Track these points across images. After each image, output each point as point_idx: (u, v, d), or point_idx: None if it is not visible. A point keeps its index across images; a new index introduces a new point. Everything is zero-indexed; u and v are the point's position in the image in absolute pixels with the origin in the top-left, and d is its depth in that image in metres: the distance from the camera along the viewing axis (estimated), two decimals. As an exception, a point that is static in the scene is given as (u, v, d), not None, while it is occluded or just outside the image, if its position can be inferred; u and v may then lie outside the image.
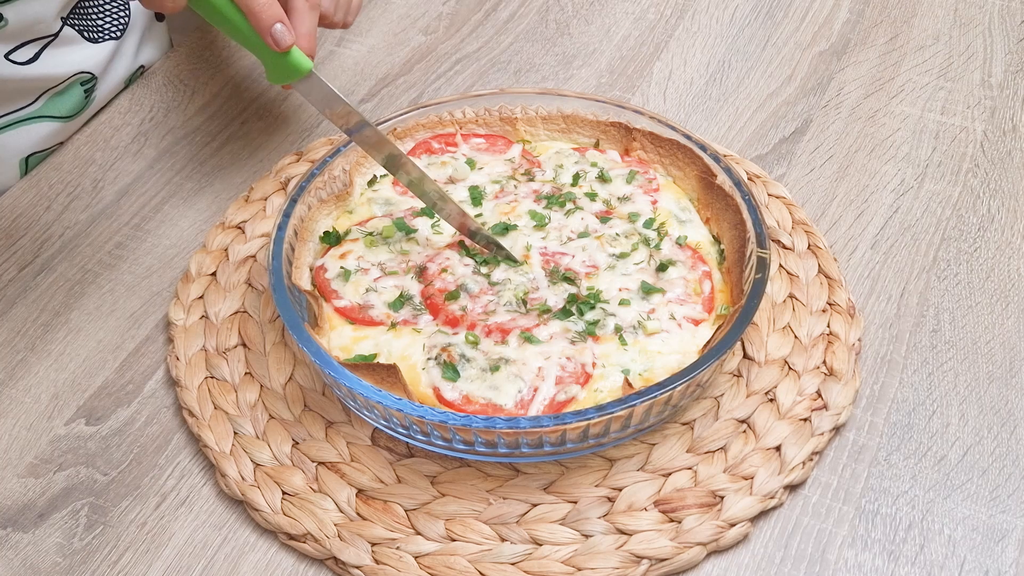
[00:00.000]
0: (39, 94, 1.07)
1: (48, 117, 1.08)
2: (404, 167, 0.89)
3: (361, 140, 0.89)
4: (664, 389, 0.76)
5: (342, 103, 0.87)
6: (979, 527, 0.79)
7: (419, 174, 0.89)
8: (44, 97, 1.07)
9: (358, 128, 0.88)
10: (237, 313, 0.93)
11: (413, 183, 0.89)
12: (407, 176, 0.89)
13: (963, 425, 0.85)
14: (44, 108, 1.08)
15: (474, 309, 0.85)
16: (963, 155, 1.06)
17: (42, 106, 1.08)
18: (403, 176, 0.90)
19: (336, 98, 0.87)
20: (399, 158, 0.89)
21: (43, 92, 1.07)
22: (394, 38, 1.22)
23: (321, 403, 0.86)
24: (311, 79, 0.86)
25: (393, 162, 0.89)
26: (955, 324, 0.92)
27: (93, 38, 1.09)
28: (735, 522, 0.79)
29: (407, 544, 0.78)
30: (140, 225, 1.02)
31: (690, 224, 0.92)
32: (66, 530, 0.81)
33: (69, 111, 1.09)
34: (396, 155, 0.89)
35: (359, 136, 0.89)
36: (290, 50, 0.84)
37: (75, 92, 1.09)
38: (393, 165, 0.89)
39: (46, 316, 0.95)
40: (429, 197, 0.90)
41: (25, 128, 1.07)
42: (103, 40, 1.10)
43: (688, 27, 1.22)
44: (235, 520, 0.81)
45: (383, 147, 0.89)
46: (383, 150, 0.89)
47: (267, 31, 0.83)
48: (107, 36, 1.11)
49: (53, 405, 0.88)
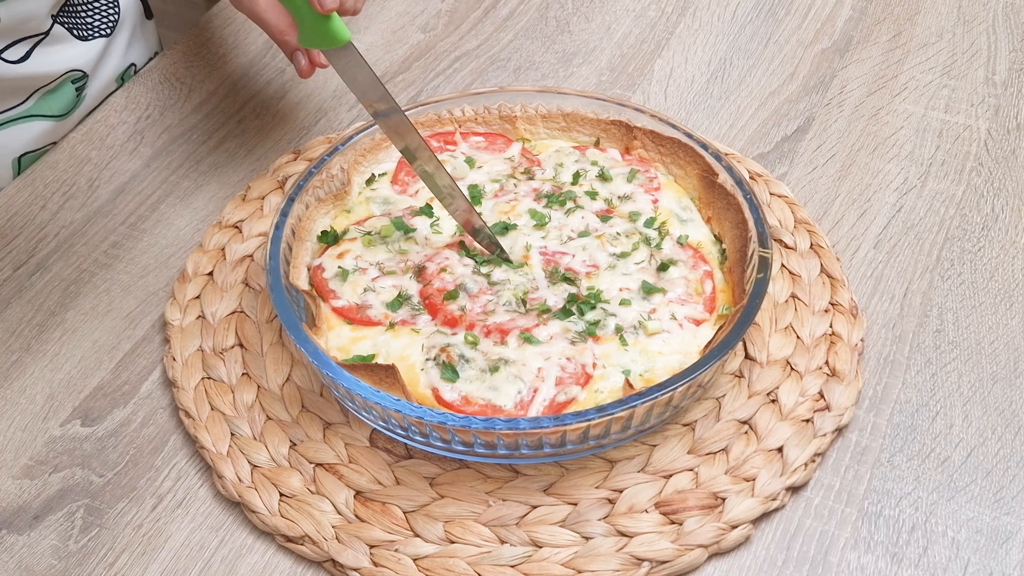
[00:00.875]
0: (31, 93, 1.07)
1: (40, 116, 1.08)
2: (422, 157, 0.87)
3: (387, 125, 0.87)
4: (665, 390, 0.76)
5: (376, 83, 0.84)
6: (983, 529, 0.79)
7: (435, 166, 0.88)
8: (36, 96, 1.07)
9: (386, 113, 0.86)
10: (234, 313, 0.93)
11: (427, 175, 0.88)
12: (423, 167, 0.88)
13: (967, 426, 0.85)
14: (36, 107, 1.08)
15: (473, 309, 0.85)
16: (967, 154, 1.06)
17: (34, 105, 1.08)
18: (419, 167, 0.88)
19: (370, 76, 0.84)
20: (419, 149, 0.87)
21: (35, 91, 1.07)
22: (392, 35, 1.22)
23: (319, 404, 0.86)
24: (347, 50, 0.82)
25: (412, 152, 0.88)
26: (959, 324, 0.92)
27: (83, 36, 1.09)
28: (737, 524, 0.79)
29: (406, 546, 0.78)
30: (136, 224, 1.02)
31: (691, 223, 0.92)
32: (61, 532, 0.81)
33: (61, 110, 1.09)
34: (416, 146, 0.87)
35: (385, 121, 0.86)
36: (331, 15, 0.81)
37: (67, 90, 1.09)
38: (411, 155, 0.88)
39: (41, 316, 0.95)
40: (440, 190, 0.89)
41: (17, 127, 1.08)
42: (93, 38, 1.10)
43: (689, 24, 1.22)
44: (232, 522, 0.81)
45: (406, 136, 0.87)
46: (405, 138, 0.87)
47: None
48: (97, 34, 1.11)
49: (48, 406, 0.88)
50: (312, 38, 0.83)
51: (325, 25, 0.81)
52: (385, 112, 0.86)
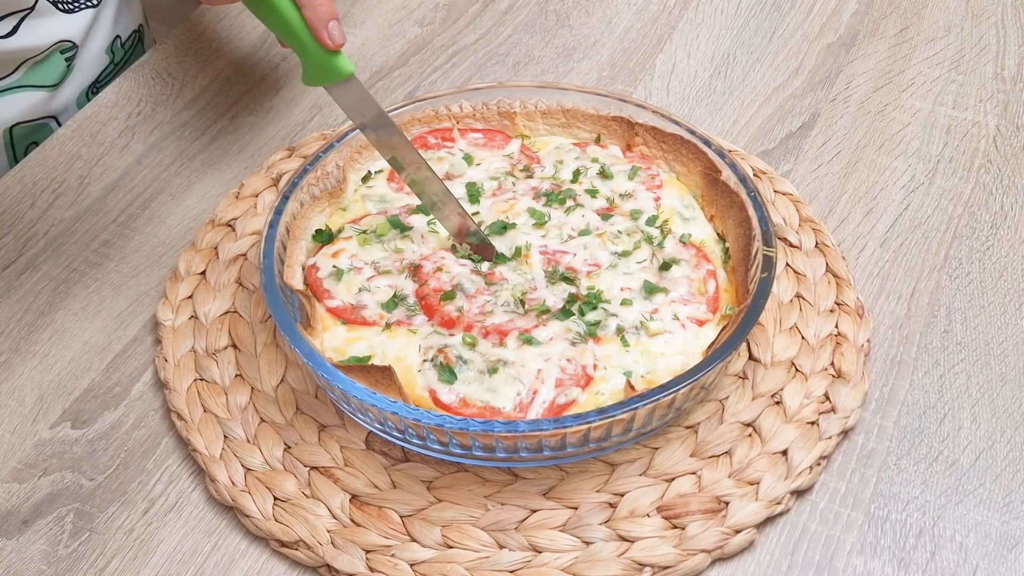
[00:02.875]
0: (18, 64, 1.09)
1: (30, 87, 1.10)
2: (409, 167, 0.88)
3: (375, 136, 0.88)
4: (667, 392, 0.76)
5: (376, 109, 0.86)
6: (992, 534, 0.79)
7: (425, 175, 0.88)
8: (24, 67, 1.09)
9: (387, 135, 0.87)
10: (227, 313, 0.93)
11: (415, 183, 0.89)
12: (410, 176, 0.89)
13: (975, 428, 0.85)
14: (25, 78, 1.09)
15: (470, 310, 0.85)
16: (975, 150, 1.06)
17: (23, 76, 1.09)
18: (406, 176, 0.89)
19: (371, 103, 0.86)
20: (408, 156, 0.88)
21: (23, 62, 1.09)
22: (389, 30, 1.22)
23: (314, 406, 0.86)
24: (350, 82, 0.85)
25: (399, 163, 0.89)
26: (967, 324, 0.92)
27: (68, 8, 1.11)
28: (740, 528, 0.79)
29: (402, 551, 0.78)
30: (127, 223, 1.02)
31: (694, 222, 0.92)
32: (51, 537, 0.81)
33: (52, 80, 1.11)
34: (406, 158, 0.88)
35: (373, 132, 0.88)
36: (338, 50, 0.84)
37: (56, 61, 1.11)
38: (399, 165, 0.89)
39: (30, 316, 0.95)
40: (429, 198, 0.89)
41: (6, 99, 1.09)
42: (79, 9, 1.12)
43: (692, 18, 1.22)
44: (225, 527, 0.81)
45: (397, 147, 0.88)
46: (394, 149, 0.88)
47: (323, 26, 0.82)
48: (84, 5, 1.12)
49: (38, 408, 0.88)
50: (317, 76, 0.85)
51: (331, 60, 0.84)
52: (373, 125, 0.87)
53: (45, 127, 1.15)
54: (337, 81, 0.85)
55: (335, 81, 0.85)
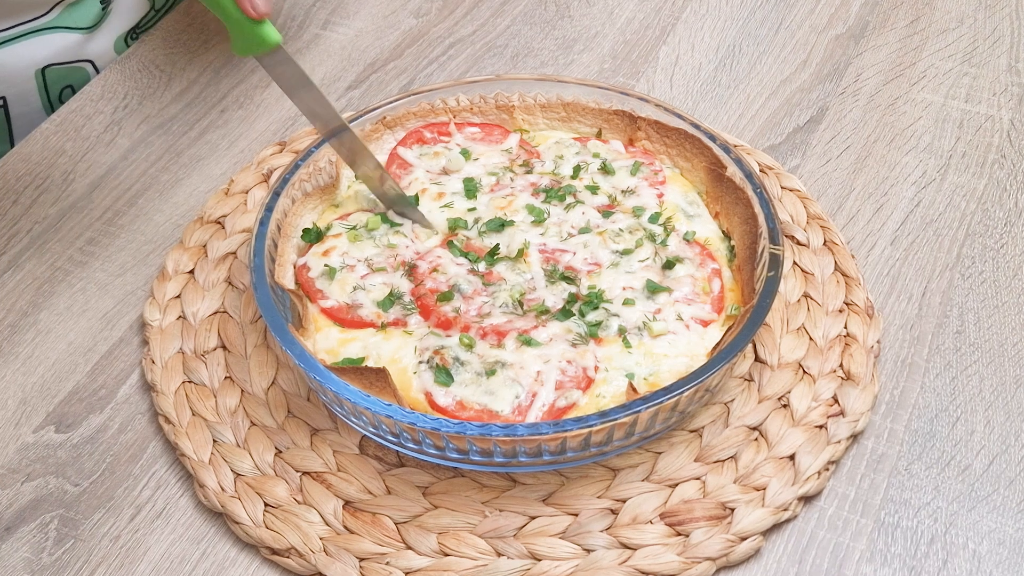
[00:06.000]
0: (53, 5, 1.10)
1: (65, 28, 1.11)
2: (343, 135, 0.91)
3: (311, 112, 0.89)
4: (671, 394, 0.76)
5: (309, 85, 0.87)
6: (1006, 541, 0.79)
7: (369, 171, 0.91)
8: (59, 8, 1.10)
9: (326, 120, 0.89)
10: (216, 313, 0.93)
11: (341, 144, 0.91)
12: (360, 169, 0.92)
13: (989, 432, 0.85)
14: (59, 19, 1.11)
15: (468, 311, 0.85)
16: (989, 145, 1.06)
17: (57, 16, 1.11)
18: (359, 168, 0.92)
19: (303, 79, 0.87)
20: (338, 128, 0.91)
21: (57, 3, 1.10)
22: (384, 21, 1.22)
23: (306, 409, 0.86)
24: (278, 54, 0.86)
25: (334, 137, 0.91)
26: (980, 325, 0.92)
27: None
28: (746, 536, 0.79)
29: (397, 559, 0.78)
30: (113, 220, 1.02)
31: (698, 219, 0.92)
32: (34, 544, 0.81)
33: (87, 22, 1.12)
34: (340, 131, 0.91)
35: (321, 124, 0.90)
36: (263, 19, 0.84)
37: (91, 3, 1.12)
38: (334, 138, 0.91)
39: (13, 317, 0.95)
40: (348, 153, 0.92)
41: (39, 39, 1.11)
42: None
43: (696, 9, 1.22)
44: (214, 533, 0.81)
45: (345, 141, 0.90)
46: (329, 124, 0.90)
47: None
48: None
49: (21, 411, 0.88)
50: (244, 45, 0.86)
51: (256, 30, 0.84)
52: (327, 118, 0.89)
53: (81, 71, 1.16)
54: (265, 52, 0.86)
55: (263, 51, 0.86)
